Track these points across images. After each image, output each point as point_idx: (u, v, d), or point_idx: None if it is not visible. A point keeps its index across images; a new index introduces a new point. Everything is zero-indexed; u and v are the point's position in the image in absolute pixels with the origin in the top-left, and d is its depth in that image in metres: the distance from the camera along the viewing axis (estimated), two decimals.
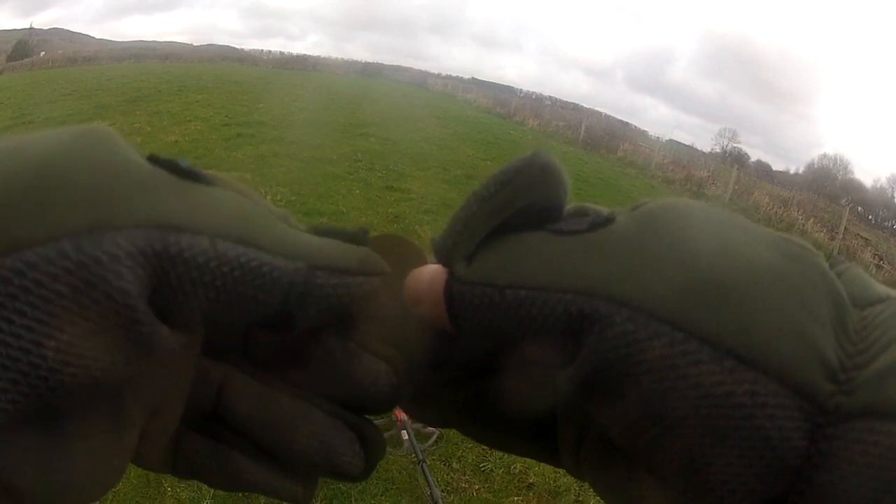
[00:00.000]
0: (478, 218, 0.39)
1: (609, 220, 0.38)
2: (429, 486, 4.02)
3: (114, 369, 0.33)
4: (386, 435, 3.29)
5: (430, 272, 0.41)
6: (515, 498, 4.60)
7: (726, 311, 0.33)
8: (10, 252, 0.29)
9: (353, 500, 4.25)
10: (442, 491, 4.37)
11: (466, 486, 4.62)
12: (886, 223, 47.67)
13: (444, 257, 0.40)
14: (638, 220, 0.37)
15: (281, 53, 60.78)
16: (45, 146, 0.33)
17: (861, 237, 21.65)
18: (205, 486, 3.89)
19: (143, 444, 0.39)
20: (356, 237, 0.41)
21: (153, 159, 0.36)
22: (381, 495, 4.34)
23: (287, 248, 0.36)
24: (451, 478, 4.67)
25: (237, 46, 66.57)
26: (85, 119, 16.01)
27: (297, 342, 0.40)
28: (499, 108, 41.18)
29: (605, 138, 32.26)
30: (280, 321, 0.38)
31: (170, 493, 4.05)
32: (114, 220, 0.31)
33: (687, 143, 60.86)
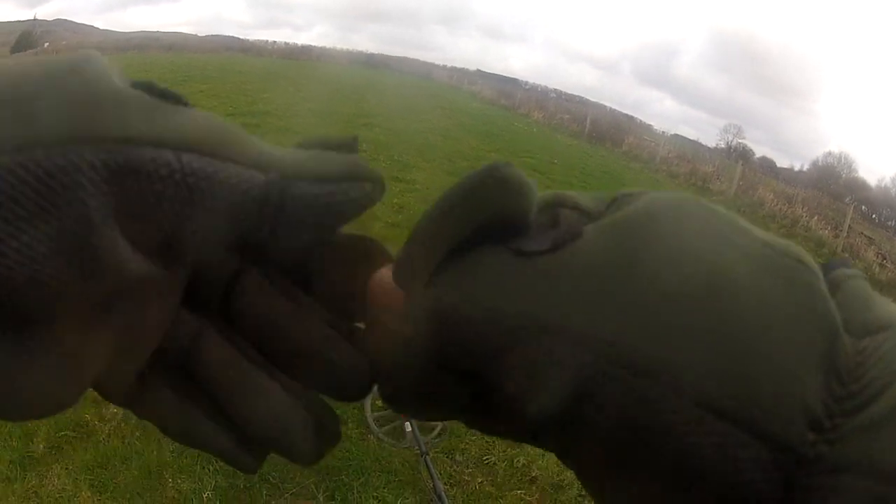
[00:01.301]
0: (434, 238, 0.36)
1: (575, 236, 0.35)
2: (432, 478, 4.00)
3: (70, 281, 0.32)
4: (389, 427, 3.28)
5: (382, 275, 0.40)
6: (518, 491, 4.58)
7: (695, 355, 0.31)
8: None
9: (355, 492, 4.23)
10: (445, 484, 4.35)
11: (469, 479, 4.60)
12: (890, 222, 47.82)
13: (401, 279, 0.38)
14: (607, 237, 0.34)
15: (286, 44, 60.87)
16: (21, 67, 0.33)
17: (865, 235, 21.69)
18: (206, 477, 3.87)
19: (105, 375, 0.38)
20: (344, 146, 0.41)
21: (133, 84, 0.35)
22: (384, 488, 4.32)
23: (261, 160, 0.36)
24: (455, 470, 4.66)
25: (242, 37, 66.62)
26: None
27: (279, 318, 0.40)
28: (504, 100, 41.38)
29: (610, 132, 32.36)
30: (262, 244, 0.37)
31: (171, 485, 4.04)
32: (82, 134, 0.31)
33: (692, 138, 60.98)
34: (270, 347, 0.40)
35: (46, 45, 50.39)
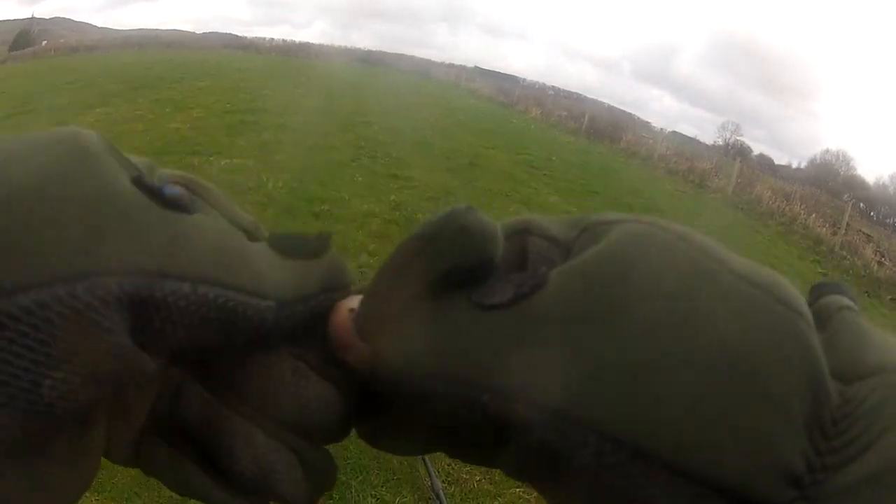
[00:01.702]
0: (393, 291, 0.37)
1: (537, 286, 0.33)
2: (430, 477, 4.01)
3: (102, 398, 0.34)
4: None
5: (341, 316, 0.40)
6: (517, 489, 4.58)
7: (667, 420, 0.30)
8: (6, 296, 0.29)
9: (353, 490, 4.22)
10: (443, 482, 4.36)
11: (467, 476, 4.59)
12: (888, 220, 47.98)
13: (364, 332, 0.38)
14: (573, 287, 0.33)
15: (284, 41, 60.86)
16: (25, 170, 0.32)
17: (863, 233, 21.69)
18: None
19: (108, 443, 0.39)
20: (318, 246, 0.42)
21: (138, 182, 0.35)
22: (382, 486, 4.31)
23: (261, 286, 0.36)
24: (452, 469, 4.65)
25: (240, 34, 66.67)
26: (87, 107, 16.10)
27: (250, 359, 0.40)
28: (502, 97, 41.48)
29: (608, 129, 32.40)
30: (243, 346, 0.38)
31: None
32: (103, 264, 0.31)
33: (690, 136, 61.06)
34: (246, 392, 0.40)
35: (44, 43, 50.40)
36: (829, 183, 48.70)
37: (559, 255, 0.37)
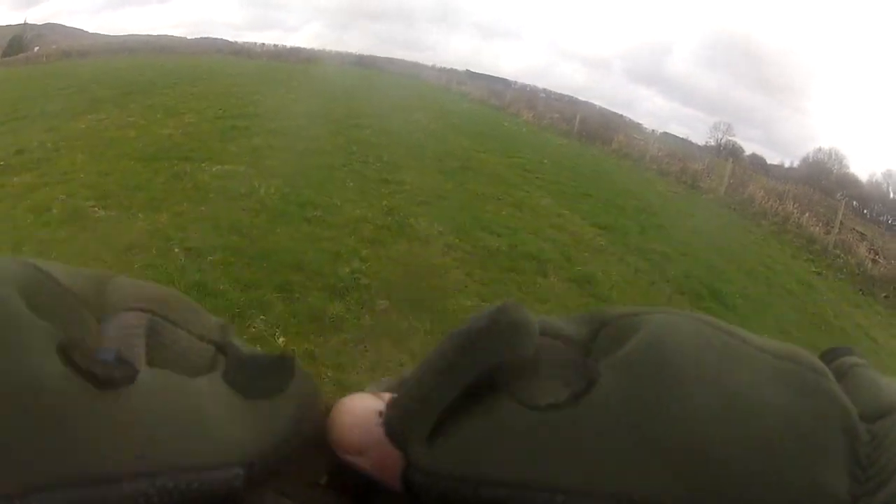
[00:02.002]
0: (435, 392, 0.35)
1: (591, 383, 0.33)
2: None
3: None
4: None
5: (358, 418, 0.39)
6: None
7: (733, 489, 0.30)
8: None
9: None
10: None
11: None
12: (882, 218, 47.98)
13: (398, 437, 0.36)
14: (624, 383, 0.33)
15: (275, 46, 60.91)
16: None
17: (856, 231, 21.72)
18: None
19: None
20: (281, 379, 0.40)
21: (67, 358, 0.31)
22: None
23: (224, 453, 0.34)
24: None
25: (232, 39, 66.60)
26: (79, 113, 16.08)
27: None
28: (493, 99, 41.56)
29: (599, 130, 32.46)
30: None
31: None
32: (37, 483, 0.29)
33: (682, 136, 61.01)
34: None
35: (37, 49, 50.29)
36: (821, 181, 48.63)
37: (576, 354, 0.36)
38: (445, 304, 7.30)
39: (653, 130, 47.72)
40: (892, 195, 52.32)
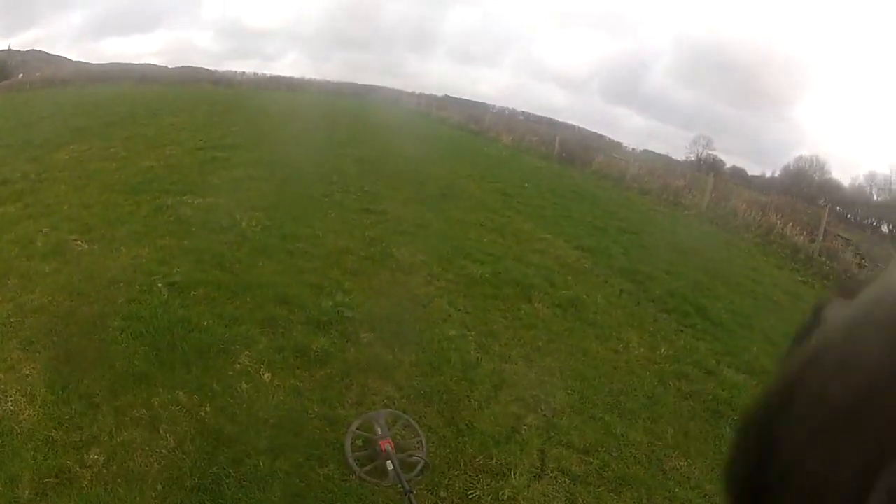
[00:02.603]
0: None
1: None
2: None
3: None
4: (370, 466, 3.28)
5: None
6: None
7: None
8: None
9: None
10: None
11: None
12: (866, 221, 48.21)
13: None
14: None
15: (255, 75, 60.92)
16: None
17: (841, 237, 21.77)
18: None
19: None
20: None
21: None
22: None
23: None
24: None
25: (212, 68, 66.52)
26: (61, 144, 16.16)
27: None
28: (472, 124, 41.68)
29: (579, 151, 32.55)
30: None
31: None
32: None
33: (661, 153, 61.11)
34: None
35: (21, 76, 50.21)
36: (804, 189, 48.75)
37: None
38: (430, 335, 7.29)
39: (633, 149, 47.80)
40: (875, 198, 52.56)
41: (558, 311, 8.91)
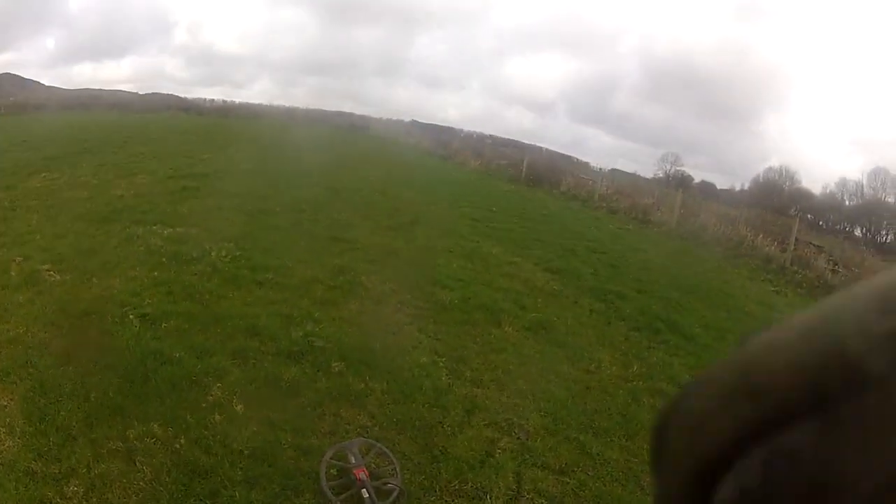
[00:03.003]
0: None
1: None
2: None
3: None
4: (346, 495, 3.32)
5: None
6: None
7: None
8: None
9: None
10: None
11: None
12: (838, 226, 48.69)
13: None
14: None
15: (224, 102, 60.80)
16: None
17: (813, 245, 21.92)
18: None
19: None
20: None
21: None
22: None
23: None
24: None
25: (182, 95, 66.30)
26: (32, 173, 16.11)
27: None
28: (441, 149, 41.77)
29: (547, 173, 32.64)
30: None
31: None
32: None
33: (629, 171, 61.37)
34: None
35: None
36: (774, 200, 49.04)
37: None
38: (401, 362, 7.30)
39: (601, 168, 48.01)
40: (847, 203, 53.03)
41: (528, 333, 8.95)
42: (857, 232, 48.36)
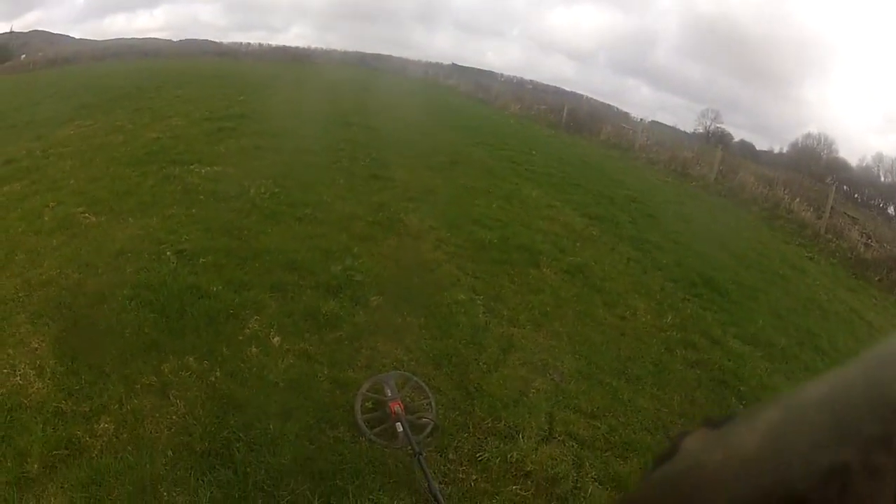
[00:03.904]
0: None
1: None
2: (426, 478, 4.01)
3: None
4: (380, 428, 3.29)
5: None
6: (513, 486, 4.58)
7: None
8: None
9: (350, 496, 4.21)
10: (439, 483, 4.36)
11: (464, 476, 4.60)
12: (873, 201, 48.12)
13: None
14: None
15: (260, 45, 60.72)
16: None
17: (848, 216, 21.74)
18: (201, 489, 3.87)
19: None
20: None
21: None
22: (379, 490, 4.30)
23: None
24: (448, 469, 4.65)
25: (217, 41, 66.24)
26: (66, 121, 16.09)
27: None
28: (480, 93, 41.57)
29: (587, 121, 32.47)
30: None
31: (166, 498, 4.01)
32: None
33: (670, 125, 60.83)
34: None
35: (23, 56, 50.17)
36: (811, 167, 48.52)
37: None
38: (439, 299, 7.30)
39: (641, 119, 47.65)
40: (882, 179, 52.36)
41: (566, 276, 8.93)
42: (891, 210, 47.72)
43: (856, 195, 49.10)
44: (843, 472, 0.33)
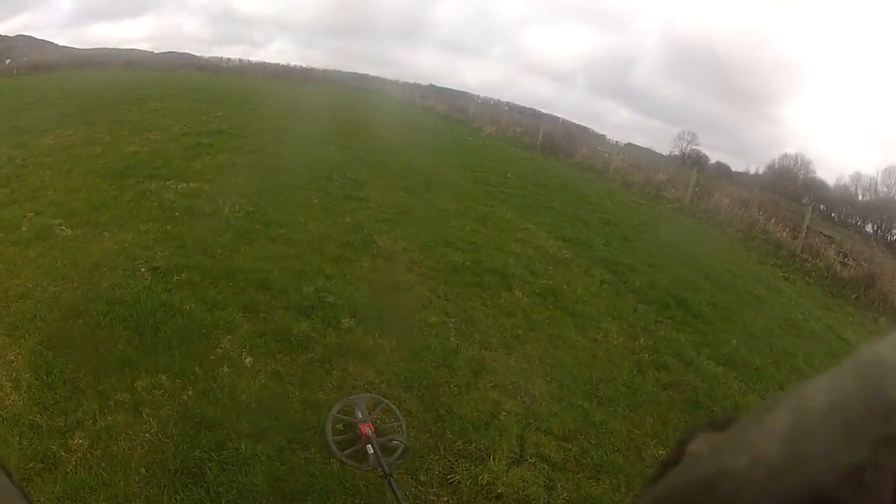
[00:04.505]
0: None
1: None
2: (397, 500, 4.03)
3: None
4: (351, 450, 3.31)
5: None
6: None
7: None
8: None
9: None
10: None
11: (435, 498, 4.63)
12: (850, 220, 48.51)
13: None
14: None
15: (240, 61, 60.70)
16: None
17: (824, 235, 21.88)
18: None
19: None
20: None
21: None
22: None
23: None
24: (419, 491, 4.68)
25: (198, 54, 66.16)
26: (46, 130, 16.00)
27: None
28: (457, 114, 41.56)
29: (563, 143, 32.55)
30: None
31: None
32: None
33: (645, 147, 61.12)
34: None
35: (8, 61, 49.86)
36: (788, 187, 48.86)
37: None
38: (411, 321, 7.32)
39: (616, 142, 47.93)
40: (860, 197, 52.77)
41: (538, 299, 8.95)
42: (869, 228, 48.15)
43: (833, 214, 49.50)
44: (859, 472, 0.34)
